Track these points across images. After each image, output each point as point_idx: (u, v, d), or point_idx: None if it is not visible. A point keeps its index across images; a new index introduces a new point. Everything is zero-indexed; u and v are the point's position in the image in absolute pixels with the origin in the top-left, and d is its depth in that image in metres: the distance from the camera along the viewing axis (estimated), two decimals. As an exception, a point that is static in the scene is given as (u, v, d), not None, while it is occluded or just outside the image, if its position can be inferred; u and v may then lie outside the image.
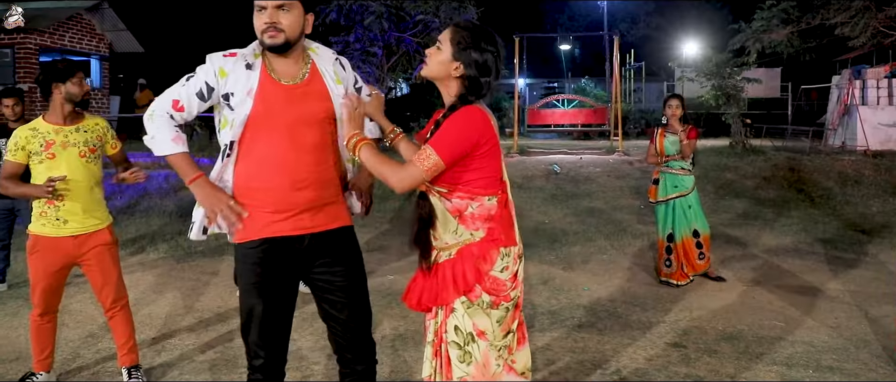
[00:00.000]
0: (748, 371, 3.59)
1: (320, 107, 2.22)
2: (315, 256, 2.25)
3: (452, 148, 1.91)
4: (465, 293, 1.97)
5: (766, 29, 12.95)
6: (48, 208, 3.15)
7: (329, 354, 3.58)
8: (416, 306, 2.09)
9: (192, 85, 2.19)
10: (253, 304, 2.19)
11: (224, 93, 2.17)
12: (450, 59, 2.02)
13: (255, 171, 2.18)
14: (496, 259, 1.98)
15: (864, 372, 3.58)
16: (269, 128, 2.16)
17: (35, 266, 3.21)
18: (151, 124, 2.22)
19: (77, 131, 3.23)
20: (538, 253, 6.50)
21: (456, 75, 2.02)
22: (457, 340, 1.99)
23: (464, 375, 1.98)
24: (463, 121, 1.94)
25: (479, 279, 1.96)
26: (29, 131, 3.16)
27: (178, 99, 2.21)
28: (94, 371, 3.63)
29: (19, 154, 3.14)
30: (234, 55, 2.21)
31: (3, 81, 13.68)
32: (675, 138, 5.48)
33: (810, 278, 5.64)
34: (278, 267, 2.20)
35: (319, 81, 2.25)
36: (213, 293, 5.26)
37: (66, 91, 3.20)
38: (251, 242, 2.18)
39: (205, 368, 3.66)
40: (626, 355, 3.84)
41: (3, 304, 4.95)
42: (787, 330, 4.27)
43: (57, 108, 3.20)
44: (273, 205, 2.17)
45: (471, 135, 1.93)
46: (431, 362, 2.08)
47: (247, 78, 2.16)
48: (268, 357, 2.22)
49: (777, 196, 9.37)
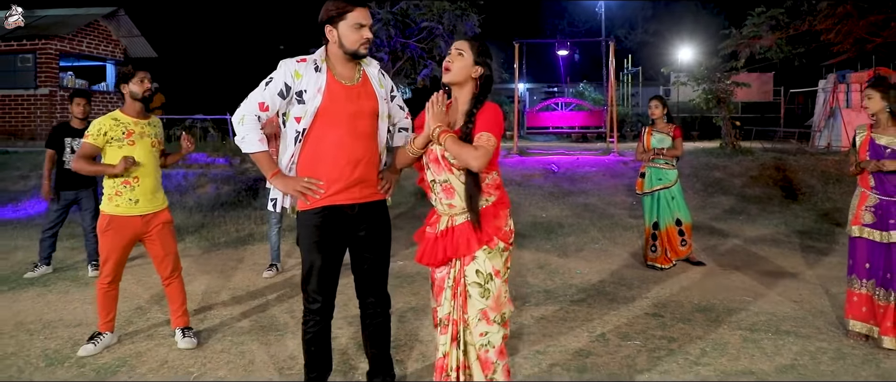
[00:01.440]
0: (715, 334, 4.13)
1: (370, 103, 2.78)
2: (360, 221, 2.81)
3: (498, 130, 2.51)
4: (485, 243, 2.53)
5: (755, 35, 13.49)
6: (124, 188, 3.71)
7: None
8: (440, 260, 2.62)
9: (272, 87, 2.71)
10: (314, 259, 2.75)
11: (298, 91, 2.70)
12: (472, 63, 2.57)
13: (322, 152, 2.72)
14: (504, 216, 2.57)
15: (816, 335, 4.13)
16: (334, 117, 2.71)
17: (108, 241, 3.76)
18: (242, 127, 2.74)
19: (149, 124, 3.81)
20: (535, 243, 7.05)
21: (475, 76, 2.57)
22: (478, 280, 2.53)
23: (483, 307, 2.53)
24: (496, 112, 2.54)
25: (498, 232, 2.54)
26: (111, 120, 3.73)
27: (262, 101, 2.72)
28: (147, 334, 4.18)
29: (100, 138, 3.70)
30: (305, 60, 2.75)
31: (25, 85, 14.29)
32: (662, 135, 6.04)
33: (782, 263, 6.19)
34: (333, 229, 2.76)
35: (369, 84, 2.82)
36: (242, 275, 5.82)
37: (129, 90, 3.78)
38: (314, 209, 2.74)
39: (244, 332, 4.21)
40: (610, 322, 4.40)
41: (53, 285, 5.49)
42: (755, 304, 4.82)
43: (130, 104, 3.77)
44: (334, 179, 2.72)
45: (502, 122, 2.57)
46: (451, 302, 2.61)
47: (316, 78, 2.70)
48: (323, 301, 2.79)
49: (762, 193, 9.91)
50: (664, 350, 3.86)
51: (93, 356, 3.76)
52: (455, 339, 2.58)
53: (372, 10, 12.25)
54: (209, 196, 9.60)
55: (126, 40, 16.48)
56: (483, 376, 2.55)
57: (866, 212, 3.99)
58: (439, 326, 2.63)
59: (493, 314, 2.54)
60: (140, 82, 3.82)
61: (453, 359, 2.58)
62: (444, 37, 12.29)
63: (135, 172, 3.72)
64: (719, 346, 3.92)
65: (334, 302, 2.86)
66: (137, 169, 3.70)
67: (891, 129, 3.93)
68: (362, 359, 3.63)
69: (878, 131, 3.97)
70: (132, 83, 3.81)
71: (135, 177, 3.73)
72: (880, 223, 3.92)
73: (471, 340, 2.56)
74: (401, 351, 3.79)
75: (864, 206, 4.00)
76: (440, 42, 12.38)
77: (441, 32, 12.32)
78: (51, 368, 3.60)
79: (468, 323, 2.55)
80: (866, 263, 4.01)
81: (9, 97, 14.28)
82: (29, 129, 14.09)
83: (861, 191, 4.05)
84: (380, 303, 2.94)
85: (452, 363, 2.58)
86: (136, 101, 3.79)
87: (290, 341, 4.02)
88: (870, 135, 3.99)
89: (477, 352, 2.55)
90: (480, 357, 2.55)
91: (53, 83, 14.29)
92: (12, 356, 3.78)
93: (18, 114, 14.23)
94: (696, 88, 13.08)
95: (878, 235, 3.94)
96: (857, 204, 4.05)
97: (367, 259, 2.87)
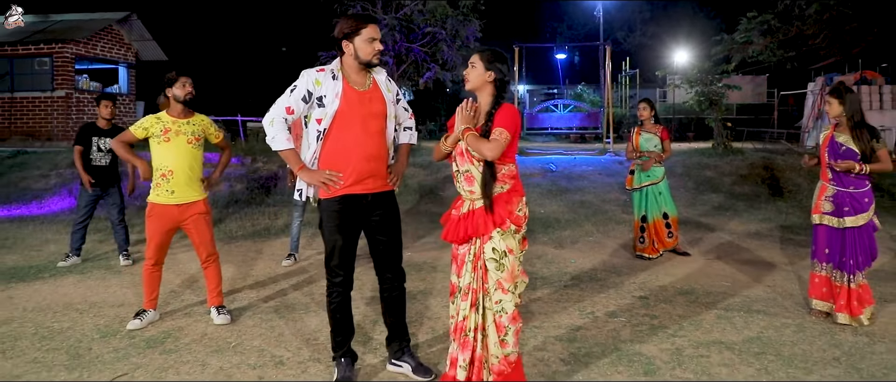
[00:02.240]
0: (693, 313, 4.62)
1: (380, 106, 3.27)
2: (373, 208, 3.30)
3: (513, 128, 2.98)
4: (498, 225, 3.00)
5: (747, 39, 13.99)
6: (162, 180, 4.21)
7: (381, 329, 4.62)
8: (462, 238, 3.08)
9: (296, 93, 3.19)
10: (335, 240, 3.23)
11: (318, 96, 3.18)
12: (484, 71, 3.06)
13: (340, 148, 3.20)
14: (517, 202, 3.04)
15: (782, 313, 4.62)
16: (349, 119, 3.18)
17: (151, 226, 4.26)
18: (272, 128, 3.21)
19: (187, 124, 4.30)
20: (533, 237, 7.54)
21: (489, 80, 3.06)
22: (494, 257, 3.00)
23: (499, 278, 3.01)
24: (512, 112, 3.02)
25: (509, 216, 3.01)
26: (155, 118, 4.23)
27: (289, 105, 3.19)
28: (185, 313, 4.67)
29: (140, 131, 4.21)
30: (323, 70, 3.23)
31: (42, 87, 14.80)
32: (649, 135, 6.53)
33: (762, 253, 6.68)
34: (351, 215, 3.25)
35: (378, 89, 3.30)
36: (263, 264, 6.31)
37: (173, 93, 4.28)
38: (334, 198, 3.22)
39: (270, 311, 4.70)
40: (599, 302, 4.89)
41: (90, 273, 5.97)
42: (732, 288, 5.31)
43: (173, 106, 4.27)
44: (350, 172, 3.20)
45: (518, 120, 3.03)
46: (471, 274, 3.07)
47: (334, 85, 3.19)
48: (344, 275, 3.28)
49: (750, 191, 10.40)
50: (646, 325, 4.34)
51: (139, 329, 4.25)
52: (474, 305, 3.05)
53: (378, 17, 12.77)
54: (223, 194, 10.08)
55: (138, 44, 16.99)
56: (496, 337, 3.03)
57: (826, 202, 4.48)
58: (459, 293, 3.09)
59: (507, 284, 3.01)
60: (182, 86, 4.31)
61: (472, 321, 3.05)
62: (447, 41, 12.79)
63: (169, 166, 4.21)
64: (695, 322, 4.40)
65: (353, 276, 3.34)
66: (172, 162, 4.19)
67: (848, 130, 4.41)
68: (376, 332, 4.13)
69: (838, 131, 4.46)
70: (175, 87, 4.30)
71: (170, 170, 4.23)
72: (837, 211, 4.41)
73: (489, 305, 3.04)
74: (412, 326, 4.27)
75: (824, 197, 4.49)
76: (443, 46, 12.88)
77: (444, 37, 12.82)
78: (105, 339, 4.09)
79: (488, 292, 3.04)
80: (826, 248, 4.49)
81: (27, 99, 14.79)
82: (46, 130, 14.59)
83: (821, 184, 4.54)
84: (396, 278, 3.43)
85: (471, 324, 3.04)
86: (177, 103, 4.29)
87: (312, 318, 4.50)
88: (831, 134, 4.48)
89: (493, 316, 3.03)
90: (495, 321, 3.03)
91: (69, 85, 14.80)
92: (68, 330, 4.27)
93: (36, 115, 14.74)
94: (689, 91, 13.57)
95: (835, 222, 4.42)
96: (818, 195, 4.54)
97: (382, 241, 3.35)
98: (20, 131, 14.70)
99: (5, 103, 14.88)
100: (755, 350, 3.88)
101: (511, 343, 3.03)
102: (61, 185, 10.69)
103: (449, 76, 13.42)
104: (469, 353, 3.04)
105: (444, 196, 9.90)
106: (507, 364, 3.04)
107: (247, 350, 3.88)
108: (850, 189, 4.39)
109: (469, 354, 3.04)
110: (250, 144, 13.47)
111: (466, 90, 3.14)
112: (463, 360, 3.04)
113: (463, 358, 3.04)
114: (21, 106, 14.84)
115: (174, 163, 4.23)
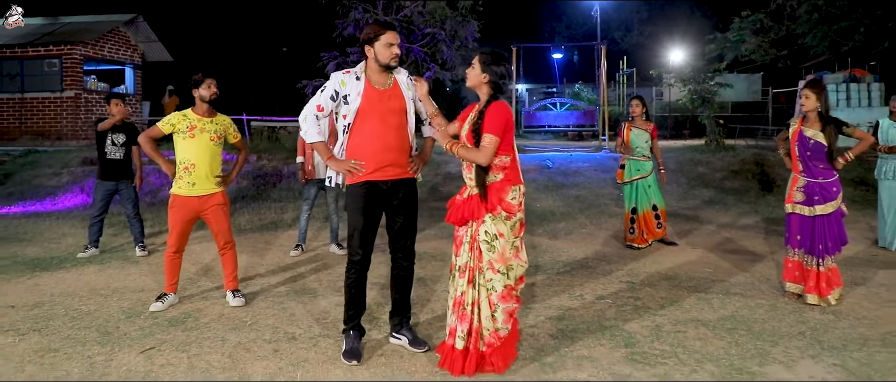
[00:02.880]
0: (674, 295, 4.96)
1: (399, 103, 3.63)
2: (393, 193, 3.66)
3: (500, 128, 3.30)
4: (490, 211, 3.34)
5: (740, 38, 14.34)
6: (184, 173, 4.56)
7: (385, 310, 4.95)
8: (460, 221, 3.45)
9: (325, 94, 3.60)
10: (357, 221, 3.60)
11: (344, 95, 3.58)
12: (480, 72, 3.41)
13: (363, 141, 3.57)
14: (509, 191, 3.37)
15: (758, 295, 4.96)
16: (370, 115, 3.56)
17: (173, 216, 4.61)
18: (305, 123, 3.63)
19: (211, 122, 4.64)
20: (529, 228, 7.88)
21: (484, 81, 3.41)
22: (486, 239, 3.35)
23: (490, 259, 3.35)
24: (499, 111, 3.33)
25: (500, 202, 3.34)
26: (181, 115, 4.57)
27: (319, 103, 3.60)
28: (202, 297, 5.02)
29: (166, 127, 4.56)
30: (349, 72, 3.63)
31: (51, 88, 15.16)
32: (639, 131, 6.88)
33: (746, 244, 7.02)
34: (373, 199, 3.61)
35: (398, 88, 3.66)
36: (273, 254, 6.66)
37: (199, 94, 4.62)
38: (358, 184, 3.60)
39: (282, 295, 5.05)
40: (588, 286, 5.23)
41: (109, 263, 6.32)
42: (713, 275, 5.66)
43: (199, 105, 4.61)
44: (371, 161, 3.57)
45: (507, 118, 3.35)
46: (468, 254, 3.43)
47: (357, 85, 3.57)
48: (363, 254, 3.64)
49: (740, 185, 10.75)
50: (630, 306, 4.69)
51: (162, 311, 4.60)
52: (471, 282, 3.40)
53: (379, 18, 13.13)
54: (231, 190, 10.43)
55: (144, 45, 17.34)
56: (489, 311, 3.38)
57: (797, 192, 4.82)
58: (457, 271, 3.45)
59: (498, 265, 3.36)
60: (208, 87, 4.63)
61: (469, 296, 3.40)
62: (446, 42, 13.13)
63: (192, 160, 4.56)
64: (676, 303, 4.75)
65: (371, 257, 3.70)
66: (194, 157, 4.54)
67: (816, 124, 4.75)
68: (382, 313, 4.47)
69: (806, 125, 4.80)
70: (201, 88, 4.63)
71: (192, 163, 4.58)
72: (808, 200, 4.76)
73: (482, 282, 3.39)
74: (414, 307, 4.61)
75: (796, 187, 4.83)
76: (442, 47, 13.22)
77: (443, 37, 13.17)
78: (130, 319, 4.44)
79: (482, 270, 3.39)
80: (798, 235, 4.84)
81: (37, 99, 15.16)
82: (55, 130, 14.95)
83: (793, 175, 4.88)
84: (406, 257, 3.79)
85: (468, 299, 3.40)
86: (203, 103, 4.62)
87: (321, 301, 4.85)
88: (799, 128, 4.83)
89: (486, 293, 3.38)
90: (488, 298, 3.38)
91: (78, 86, 15.15)
92: (95, 312, 4.62)
93: (46, 115, 15.11)
94: (682, 89, 13.92)
95: (806, 210, 4.77)
96: (791, 186, 4.88)
97: (398, 221, 3.72)
98: (31, 131, 15.07)
99: (16, 104, 15.25)
100: (728, 326, 4.22)
101: (501, 320, 3.38)
102: (73, 183, 11.04)
103: (448, 76, 13.76)
104: (467, 325, 3.39)
105: (445, 191, 10.25)
106: (497, 337, 3.39)
107: (262, 327, 4.23)
108: (820, 179, 4.73)
109: (467, 326, 3.39)
110: (255, 143, 13.83)
111: (467, 87, 3.51)
112: (462, 331, 3.39)
113: (462, 329, 3.39)
114: (31, 106, 15.20)
115: (197, 158, 4.58)
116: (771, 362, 3.61)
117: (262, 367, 3.56)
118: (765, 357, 3.67)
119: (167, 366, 3.59)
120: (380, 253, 4.21)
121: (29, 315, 4.56)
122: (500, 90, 3.47)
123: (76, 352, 3.81)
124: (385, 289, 4.52)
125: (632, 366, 3.54)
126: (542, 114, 18.20)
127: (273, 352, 3.78)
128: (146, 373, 3.49)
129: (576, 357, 3.67)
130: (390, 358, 3.67)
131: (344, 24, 13.27)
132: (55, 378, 3.45)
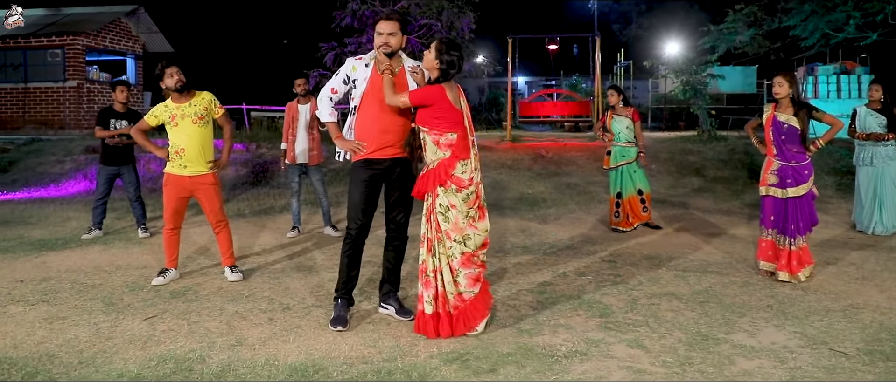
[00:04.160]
0: (653, 273, 5.19)
1: (401, 89, 3.84)
2: (391, 170, 3.92)
3: (416, 99, 3.63)
4: (440, 185, 3.61)
5: (733, 31, 14.53)
6: (176, 156, 4.79)
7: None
8: (419, 194, 3.74)
9: (338, 77, 3.90)
10: (357, 194, 3.87)
11: (354, 79, 3.87)
12: (434, 58, 3.66)
13: (366, 123, 3.86)
14: (457, 166, 3.62)
15: (733, 273, 5.19)
16: (372, 98, 3.82)
17: (167, 193, 4.85)
18: (320, 103, 3.94)
19: (189, 106, 4.82)
20: (520, 213, 8.12)
21: (436, 66, 3.66)
22: (440, 210, 3.63)
23: (446, 228, 3.62)
24: (428, 90, 3.65)
25: (448, 176, 3.61)
26: (163, 106, 4.79)
27: (333, 87, 3.90)
28: (201, 273, 5.25)
29: (152, 119, 4.79)
30: (361, 59, 3.91)
31: (54, 78, 15.38)
32: (621, 117, 7.10)
33: (728, 227, 7.25)
34: (373, 174, 3.88)
35: (403, 76, 3.91)
36: (268, 235, 6.90)
37: (165, 84, 4.81)
38: (360, 161, 3.87)
39: (278, 271, 5.28)
40: (571, 265, 5.47)
41: (112, 243, 6.56)
42: (693, 254, 5.89)
43: (171, 94, 4.80)
44: (372, 141, 3.84)
45: (429, 96, 3.62)
46: (426, 225, 3.72)
47: (365, 71, 3.85)
48: (361, 224, 3.90)
49: (729, 174, 10.95)
50: (610, 282, 4.92)
51: (163, 285, 4.84)
52: (430, 250, 3.69)
53: (375, 9, 13.32)
54: (229, 176, 10.66)
55: (145, 36, 17.55)
56: (451, 276, 3.65)
57: (771, 175, 5.04)
58: (421, 242, 3.74)
59: (454, 234, 3.64)
60: (170, 76, 4.79)
61: (430, 264, 3.69)
62: (443, 33, 13.32)
63: (181, 145, 4.77)
64: (654, 279, 4.98)
65: (368, 229, 3.96)
66: (182, 142, 4.76)
67: (789, 110, 4.97)
68: (372, 290, 4.70)
69: (780, 110, 5.02)
70: (166, 78, 4.79)
71: (181, 148, 4.79)
72: (781, 183, 4.98)
73: (442, 251, 3.66)
74: (403, 283, 4.84)
75: (770, 170, 5.06)
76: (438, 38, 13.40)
77: (439, 29, 13.35)
78: (134, 292, 4.68)
79: (441, 240, 3.65)
80: (771, 216, 5.06)
81: (40, 89, 15.38)
82: (58, 119, 15.18)
83: (768, 159, 5.11)
84: (399, 228, 4.06)
85: (430, 266, 3.69)
86: (171, 91, 4.81)
87: (315, 276, 5.09)
88: (773, 114, 5.04)
89: (447, 260, 3.64)
90: (449, 264, 3.64)
91: (81, 76, 15.38)
92: (101, 285, 4.86)
93: (49, 104, 15.33)
94: (675, 80, 14.11)
95: (779, 193, 4.99)
96: (765, 169, 5.11)
97: (393, 195, 4.00)
98: (34, 120, 15.29)
99: (19, 93, 15.47)
100: (701, 300, 4.45)
101: (464, 285, 3.66)
102: (76, 170, 11.27)
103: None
104: (433, 291, 3.68)
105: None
106: (461, 300, 3.67)
107: (258, 299, 4.47)
108: (792, 163, 4.95)
109: (433, 291, 3.68)
110: (254, 131, 14.05)
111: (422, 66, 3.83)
112: (428, 296, 3.68)
113: (428, 295, 3.68)
114: (34, 96, 15.43)
115: (185, 142, 4.79)
116: (737, 330, 3.83)
117: (257, 333, 3.79)
118: (731, 326, 3.90)
119: (169, 331, 3.82)
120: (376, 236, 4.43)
121: (37, 288, 4.79)
122: (447, 76, 3.71)
123: (83, 320, 4.05)
124: (379, 268, 4.76)
125: (605, 333, 3.78)
126: (537, 105, 18.39)
127: (268, 320, 4.02)
128: (149, 337, 3.73)
129: (552, 325, 3.90)
130: (378, 326, 3.91)
131: (342, 15, 13.46)
132: (64, 340, 3.68)
